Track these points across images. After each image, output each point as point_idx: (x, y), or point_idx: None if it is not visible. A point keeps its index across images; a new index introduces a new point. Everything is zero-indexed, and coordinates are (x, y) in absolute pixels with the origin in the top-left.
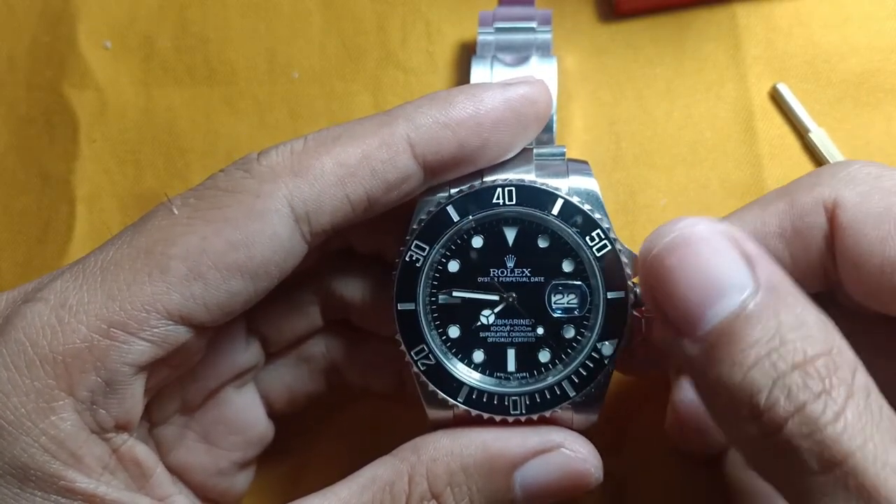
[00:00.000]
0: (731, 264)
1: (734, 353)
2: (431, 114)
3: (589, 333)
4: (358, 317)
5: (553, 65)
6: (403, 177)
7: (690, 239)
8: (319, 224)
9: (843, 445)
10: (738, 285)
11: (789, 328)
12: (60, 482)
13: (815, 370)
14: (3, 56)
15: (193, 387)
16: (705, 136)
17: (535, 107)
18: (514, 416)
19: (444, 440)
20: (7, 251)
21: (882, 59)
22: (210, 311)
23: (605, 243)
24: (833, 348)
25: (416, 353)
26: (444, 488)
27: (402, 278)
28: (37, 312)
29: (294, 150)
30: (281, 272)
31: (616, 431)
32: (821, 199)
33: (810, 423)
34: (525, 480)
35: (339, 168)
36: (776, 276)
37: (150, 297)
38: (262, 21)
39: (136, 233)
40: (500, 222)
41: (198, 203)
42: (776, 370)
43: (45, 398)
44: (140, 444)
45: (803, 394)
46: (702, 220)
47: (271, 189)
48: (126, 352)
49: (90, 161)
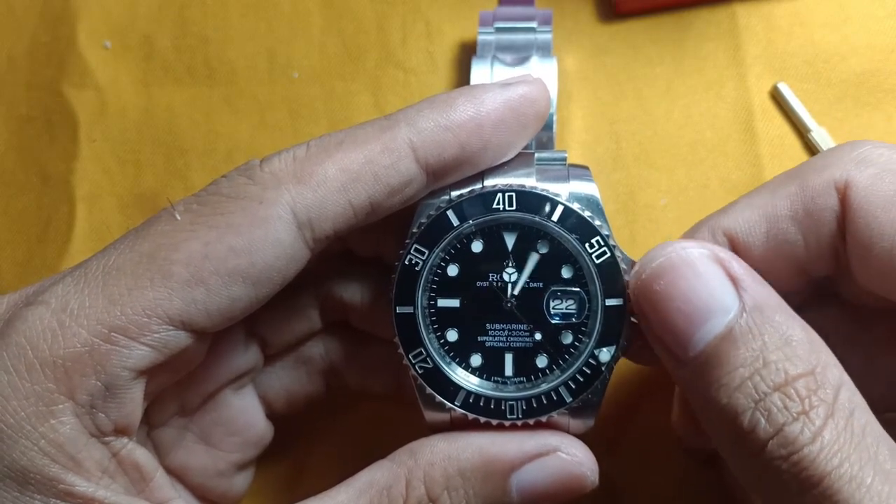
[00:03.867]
0: (717, 287)
1: (720, 376)
2: (432, 117)
3: (587, 340)
4: (357, 319)
5: (553, 65)
6: (406, 181)
7: (676, 263)
8: (322, 230)
9: (819, 466)
10: (724, 308)
11: (773, 348)
12: (60, 486)
13: (794, 391)
14: (3, 56)
15: (192, 390)
16: (705, 136)
17: (535, 106)
18: (510, 421)
19: (441, 444)
20: (7, 251)
21: (882, 59)
22: (211, 317)
23: (605, 250)
24: (817, 366)
25: (413, 356)
26: (441, 492)
27: (402, 282)
28: (38, 316)
29: (297, 156)
30: (283, 278)
31: (614, 433)
32: (832, 181)
33: (787, 445)
34: (521, 484)
35: (341, 174)
36: (762, 296)
37: (152, 303)
38: (262, 21)
39: (139, 238)
40: (500, 227)
41: (201, 209)
42: (758, 392)
43: (44, 402)
44: (139, 447)
45: (782, 415)
46: (688, 242)
47: (274, 195)
48: (126, 356)
49: (90, 161)
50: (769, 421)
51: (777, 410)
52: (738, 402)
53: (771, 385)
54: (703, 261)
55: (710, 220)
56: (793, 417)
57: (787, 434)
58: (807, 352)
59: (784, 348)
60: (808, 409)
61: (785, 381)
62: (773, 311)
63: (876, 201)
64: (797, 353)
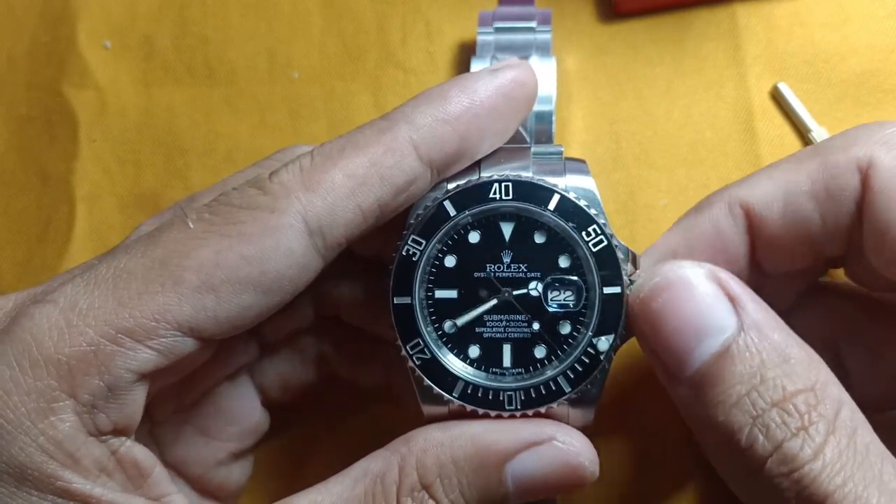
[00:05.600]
0: (714, 306)
1: (717, 394)
2: (430, 112)
3: (585, 329)
4: (348, 314)
5: (552, 64)
6: (411, 179)
7: (674, 282)
8: (334, 237)
9: (822, 485)
10: (721, 326)
11: (771, 365)
12: (57, 483)
13: (793, 407)
14: (3, 56)
15: (193, 387)
16: (705, 136)
17: (525, 89)
18: (509, 412)
19: (436, 432)
20: (7, 251)
21: (882, 59)
22: (220, 325)
23: (602, 238)
24: (817, 383)
25: (411, 347)
26: (433, 479)
27: (399, 272)
28: (45, 314)
29: (303, 166)
30: (295, 288)
31: (617, 425)
32: (855, 160)
33: (788, 462)
34: (517, 473)
35: (348, 179)
36: (760, 315)
37: (161, 307)
38: (262, 21)
39: (151, 243)
40: (496, 217)
41: (213, 218)
42: (755, 408)
43: (45, 398)
44: (138, 445)
45: (781, 431)
46: (687, 262)
47: (285, 205)
48: (131, 358)
49: (90, 161)
50: (767, 437)
51: (776, 426)
52: (736, 419)
53: (769, 401)
54: (702, 280)
55: (728, 189)
56: (792, 433)
57: (786, 451)
58: (805, 369)
59: (782, 365)
60: (808, 425)
61: (783, 398)
62: (772, 330)
63: None
64: (795, 371)
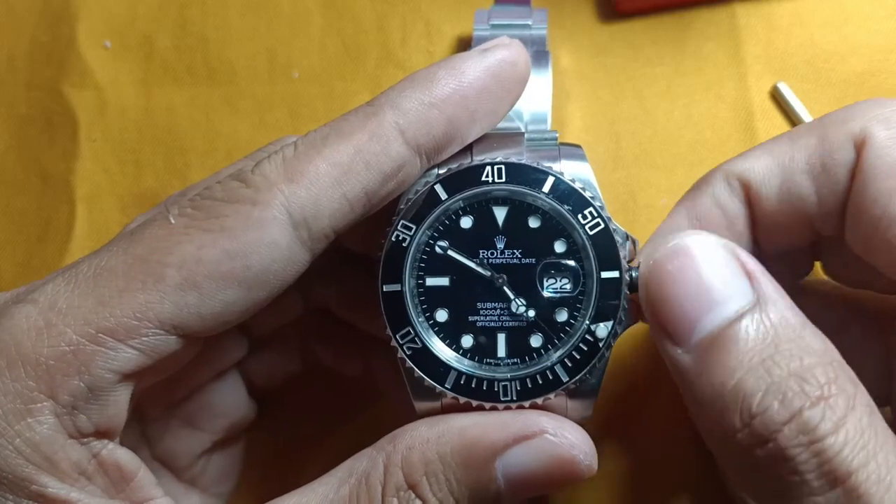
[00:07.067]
0: (730, 274)
1: (726, 360)
2: (416, 96)
3: (582, 316)
4: (338, 308)
5: (548, 61)
6: (398, 165)
7: (691, 248)
8: (319, 228)
9: (844, 462)
10: (735, 296)
11: (786, 339)
12: (32, 487)
13: (813, 376)
14: (3, 56)
15: (182, 384)
16: (705, 136)
17: (516, 69)
18: (504, 404)
19: (422, 428)
20: (7, 251)
21: (882, 59)
22: (204, 321)
23: (598, 221)
24: (833, 360)
25: (401, 336)
26: (419, 478)
27: (388, 259)
28: (25, 314)
29: (286, 157)
30: (281, 282)
31: (621, 419)
32: (851, 135)
33: (807, 431)
34: (508, 469)
35: (333, 168)
36: (775, 293)
37: (143, 305)
38: (262, 21)
39: (133, 240)
40: (489, 201)
41: (195, 213)
42: (770, 375)
43: (23, 400)
44: (122, 448)
45: (799, 399)
46: (704, 232)
47: (268, 197)
48: (112, 358)
49: (90, 161)
50: (783, 404)
51: (793, 394)
52: (748, 385)
53: (787, 369)
54: (718, 248)
55: (726, 164)
56: (812, 402)
57: (806, 419)
58: (821, 345)
59: (797, 340)
60: (828, 396)
61: (801, 367)
62: (786, 307)
63: (882, 166)
64: (811, 346)
